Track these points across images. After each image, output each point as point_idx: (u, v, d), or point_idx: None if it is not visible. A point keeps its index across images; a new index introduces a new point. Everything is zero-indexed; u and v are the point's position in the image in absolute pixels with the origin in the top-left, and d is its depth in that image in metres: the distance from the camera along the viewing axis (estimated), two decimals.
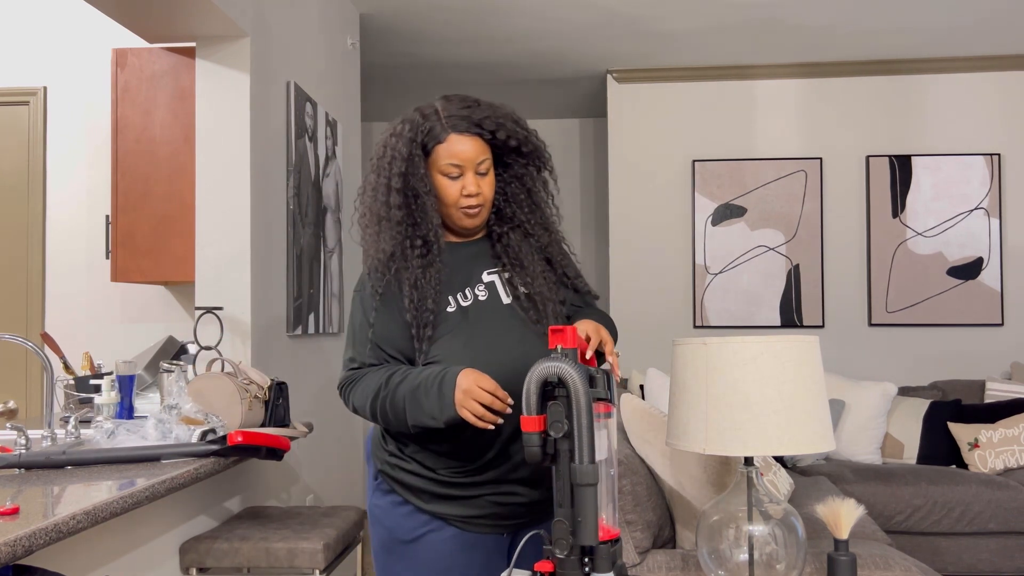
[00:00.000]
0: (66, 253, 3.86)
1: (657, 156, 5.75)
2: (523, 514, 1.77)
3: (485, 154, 1.71)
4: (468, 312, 1.71)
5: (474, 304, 1.73)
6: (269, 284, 3.26)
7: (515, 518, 1.77)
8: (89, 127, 3.87)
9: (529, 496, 1.75)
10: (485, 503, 1.74)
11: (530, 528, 1.76)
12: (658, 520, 2.27)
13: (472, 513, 1.74)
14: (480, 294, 1.74)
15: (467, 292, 1.74)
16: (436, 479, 1.74)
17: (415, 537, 1.76)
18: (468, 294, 1.74)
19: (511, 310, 1.74)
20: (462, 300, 1.73)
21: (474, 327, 1.70)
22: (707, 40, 5.08)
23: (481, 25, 4.76)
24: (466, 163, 1.69)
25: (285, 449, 2.50)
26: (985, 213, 5.46)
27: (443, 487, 1.73)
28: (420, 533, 1.76)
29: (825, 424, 1.73)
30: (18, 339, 2.34)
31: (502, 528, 1.78)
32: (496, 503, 1.74)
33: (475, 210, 1.72)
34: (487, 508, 1.74)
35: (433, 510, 1.75)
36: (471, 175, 1.70)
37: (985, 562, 4.11)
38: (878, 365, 5.54)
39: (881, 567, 2.09)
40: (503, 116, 1.72)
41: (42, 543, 1.53)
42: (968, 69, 5.47)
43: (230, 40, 3.08)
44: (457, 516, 1.74)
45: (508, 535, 1.80)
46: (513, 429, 1.67)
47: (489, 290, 1.75)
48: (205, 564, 2.45)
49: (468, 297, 1.73)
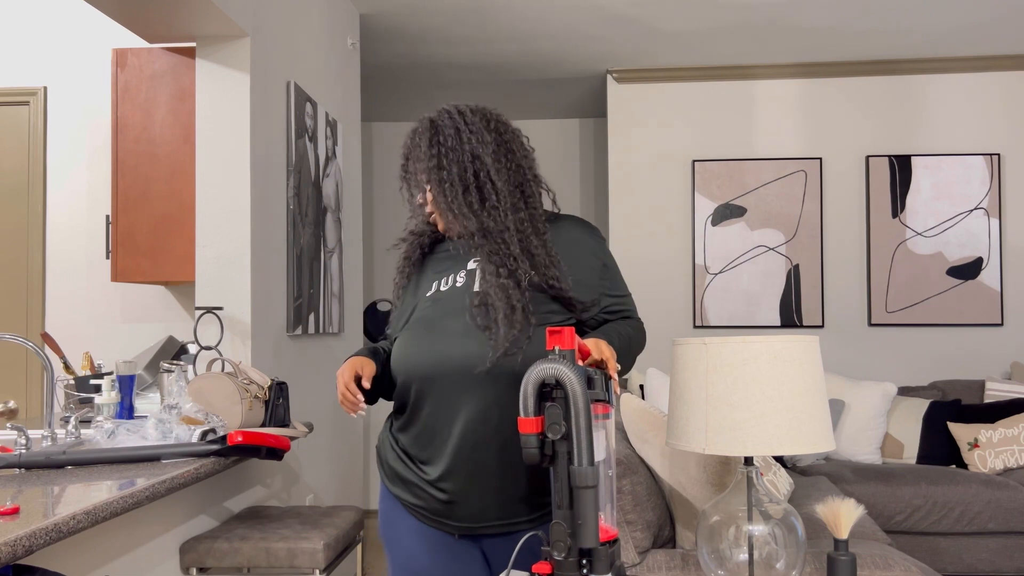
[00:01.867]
0: (66, 253, 3.86)
1: (657, 156, 5.75)
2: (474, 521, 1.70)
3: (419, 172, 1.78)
4: (442, 296, 1.75)
5: (451, 289, 1.75)
6: (269, 284, 3.26)
7: (457, 520, 1.70)
8: (89, 127, 3.87)
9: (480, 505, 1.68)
10: (425, 494, 1.71)
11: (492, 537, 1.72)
12: (658, 520, 2.28)
13: (417, 503, 1.74)
14: (459, 281, 1.76)
15: (450, 278, 1.77)
16: (399, 456, 1.77)
17: (388, 521, 1.80)
18: (450, 280, 1.77)
19: (475, 297, 1.72)
20: (443, 285, 1.77)
21: (436, 308, 1.74)
22: (707, 40, 5.08)
23: (481, 25, 4.76)
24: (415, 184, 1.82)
25: (285, 449, 2.51)
26: (985, 213, 5.46)
27: (401, 465, 1.75)
28: (392, 517, 1.80)
29: (825, 424, 1.73)
30: (18, 339, 2.34)
31: (451, 528, 1.72)
32: (437, 500, 1.70)
33: (433, 218, 1.81)
34: (428, 501, 1.71)
35: (396, 492, 1.78)
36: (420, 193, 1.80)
37: (985, 562, 4.11)
38: (878, 365, 5.54)
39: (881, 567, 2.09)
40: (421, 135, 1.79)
41: (42, 543, 1.53)
42: (968, 69, 5.47)
43: (230, 40, 3.08)
44: (409, 503, 1.75)
45: (460, 537, 1.73)
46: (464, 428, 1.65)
47: (468, 278, 1.75)
48: (205, 564, 2.45)
49: (449, 282, 1.77)
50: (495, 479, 1.66)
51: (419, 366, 1.69)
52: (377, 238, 6.97)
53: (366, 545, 4.05)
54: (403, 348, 1.74)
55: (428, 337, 1.71)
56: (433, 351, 1.68)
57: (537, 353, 1.63)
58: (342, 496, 4.19)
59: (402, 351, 1.73)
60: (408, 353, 1.72)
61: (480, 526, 1.70)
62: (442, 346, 1.68)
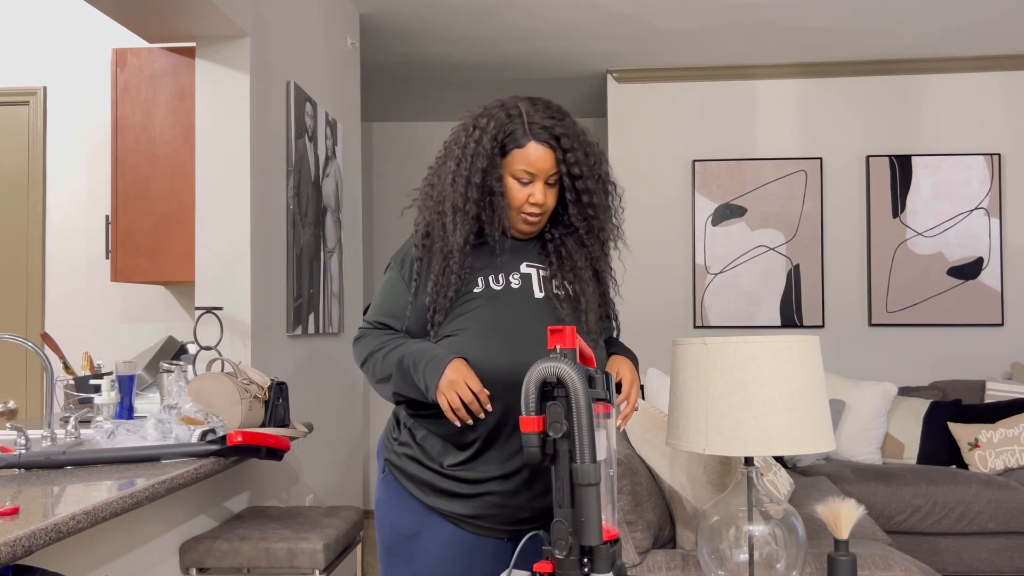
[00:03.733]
0: (66, 253, 3.86)
1: (657, 156, 5.75)
2: (525, 520, 1.74)
3: (555, 168, 1.74)
4: (497, 295, 1.72)
5: (505, 289, 1.73)
6: (269, 284, 3.26)
7: (515, 523, 1.74)
8: (89, 127, 3.87)
9: (529, 502, 1.73)
10: (483, 503, 1.72)
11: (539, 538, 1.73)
12: (658, 520, 2.27)
13: (469, 512, 1.73)
14: (514, 282, 1.74)
15: (500, 277, 1.73)
16: (438, 471, 1.73)
17: (415, 532, 1.75)
18: (501, 279, 1.73)
19: (543, 305, 1.73)
20: (493, 283, 1.73)
21: (500, 310, 1.70)
22: (707, 40, 5.08)
23: (481, 25, 4.76)
24: (539, 173, 1.72)
25: (285, 449, 2.51)
26: (985, 213, 5.46)
27: (444, 480, 1.73)
28: (419, 529, 1.75)
29: (825, 424, 1.73)
30: (18, 339, 2.34)
31: (501, 532, 1.75)
32: (494, 504, 1.72)
33: (535, 218, 1.75)
34: (484, 508, 1.72)
35: (433, 504, 1.74)
36: (540, 184, 1.73)
37: (985, 562, 4.11)
38: (878, 365, 5.53)
39: (881, 567, 2.09)
40: (580, 143, 1.75)
41: (42, 543, 1.53)
42: (968, 69, 5.47)
43: (230, 40, 3.08)
44: (455, 514, 1.73)
45: (509, 539, 1.76)
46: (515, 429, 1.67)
47: (523, 280, 1.74)
48: (205, 564, 2.45)
49: (500, 282, 1.73)
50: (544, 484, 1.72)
51: (502, 374, 1.64)
52: (377, 238, 6.97)
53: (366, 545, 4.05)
54: (476, 352, 1.66)
55: (507, 344, 1.67)
56: (518, 360, 1.63)
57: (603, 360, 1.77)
58: (342, 496, 4.19)
59: (477, 357, 1.65)
60: (486, 356, 1.66)
61: (531, 527, 1.73)
62: (525, 354, 1.62)
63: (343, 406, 4.23)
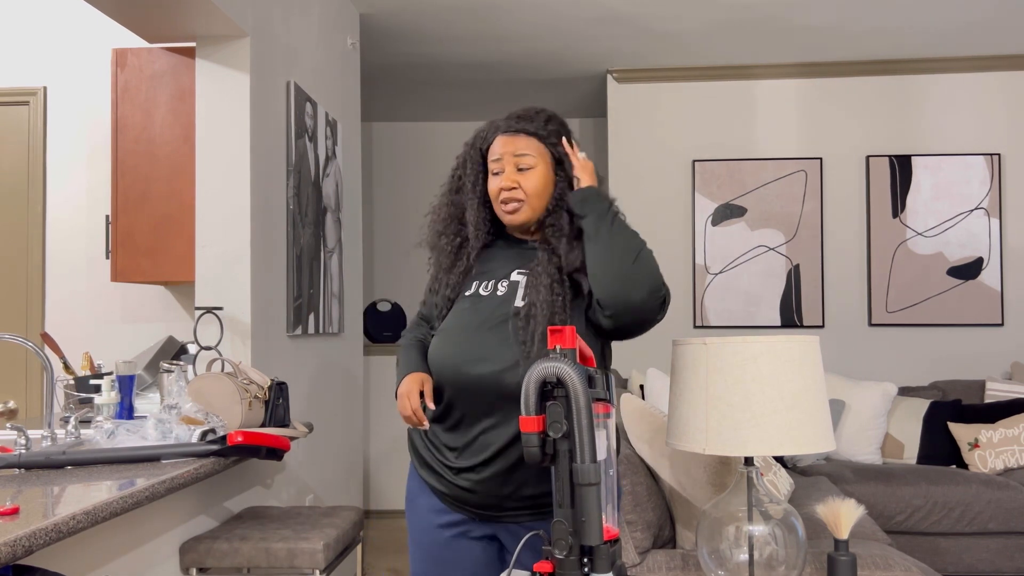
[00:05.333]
0: (66, 253, 3.86)
1: (657, 156, 5.75)
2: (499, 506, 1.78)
3: (528, 150, 1.78)
4: (480, 300, 1.78)
5: (490, 296, 1.78)
6: (269, 284, 3.26)
7: (476, 507, 1.79)
8: (89, 127, 3.87)
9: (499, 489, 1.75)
10: (448, 483, 1.79)
11: (510, 526, 1.80)
12: (658, 520, 2.27)
13: (441, 488, 1.81)
14: (501, 289, 1.79)
15: (491, 284, 1.80)
16: (427, 443, 1.84)
17: (412, 498, 1.88)
18: (491, 285, 1.80)
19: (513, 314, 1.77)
20: (482, 290, 1.80)
21: (472, 316, 1.77)
22: (707, 40, 5.08)
23: (481, 25, 4.76)
24: (504, 157, 1.79)
25: (285, 449, 2.51)
26: (985, 213, 5.46)
27: (429, 451, 1.83)
28: (415, 495, 1.87)
29: (825, 424, 1.73)
30: (18, 339, 2.34)
31: (474, 512, 1.80)
32: (457, 486, 1.78)
33: (511, 205, 1.79)
34: (451, 488, 1.79)
35: (420, 474, 1.86)
36: (510, 169, 1.79)
37: (985, 562, 4.11)
38: (878, 365, 5.54)
39: (881, 567, 2.09)
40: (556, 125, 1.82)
41: (42, 543, 1.53)
42: (968, 69, 5.47)
43: (230, 40, 3.08)
44: (432, 487, 1.83)
45: (482, 521, 1.81)
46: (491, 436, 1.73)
47: (510, 288, 1.78)
48: (205, 564, 2.45)
49: (489, 288, 1.80)
50: (516, 482, 1.74)
51: (453, 373, 1.75)
52: (377, 238, 6.97)
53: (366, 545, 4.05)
54: (440, 350, 1.79)
55: (464, 344, 1.75)
56: (468, 360, 1.73)
57: None
58: (342, 496, 4.19)
59: (439, 353, 1.79)
60: (445, 355, 1.77)
61: (500, 514, 1.78)
62: (477, 356, 1.72)
63: (343, 406, 4.24)
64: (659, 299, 1.72)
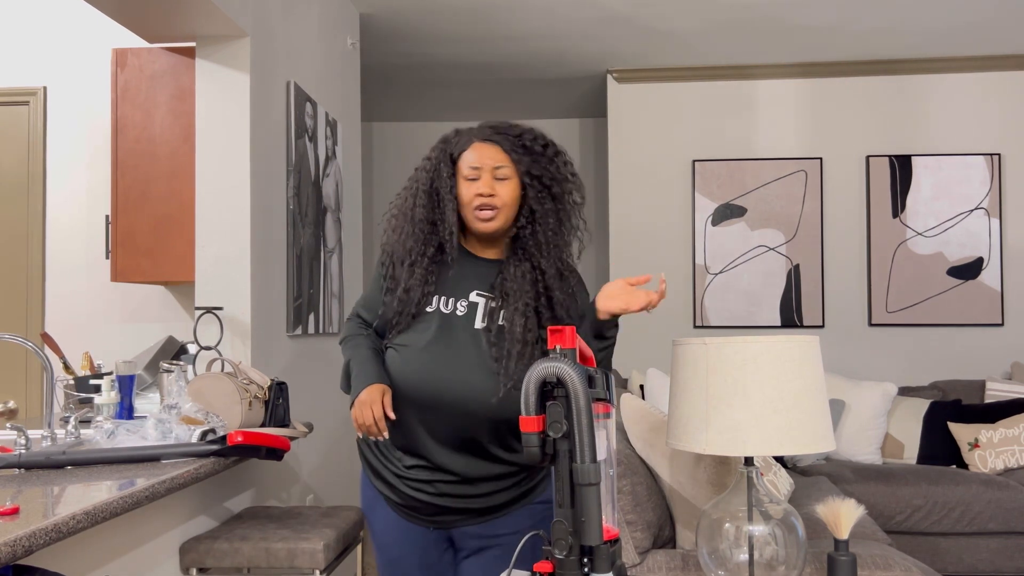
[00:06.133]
0: (66, 253, 3.86)
1: (657, 156, 5.75)
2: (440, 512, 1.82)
3: (505, 162, 1.78)
4: (444, 320, 1.79)
5: (451, 315, 1.80)
6: (269, 284, 3.26)
7: (434, 515, 1.83)
8: (89, 127, 3.87)
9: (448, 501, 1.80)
10: (402, 495, 1.83)
11: (463, 528, 1.85)
12: (658, 520, 2.27)
13: (394, 498, 1.85)
14: (460, 310, 1.80)
15: (451, 302, 1.81)
16: (378, 453, 1.87)
17: (369, 508, 1.93)
18: (451, 304, 1.81)
19: (478, 336, 1.79)
20: (443, 307, 1.81)
21: (438, 336, 1.78)
22: (707, 40, 5.08)
23: (481, 25, 4.76)
24: (483, 166, 1.78)
25: (285, 449, 2.50)
26: (985, 213, 5.46)
27: (380, 461, 1.86)
28: (372, 506, 1.92)
29: (825, 424, 1.73)
30: (18, 339, 2.34)
31: (426, 522, 1.85)
32: (412, 497, 1.82)
33: (487, 212, 1.78)
34: (405, 499, 1.83)
35: (375, 484, 1.89)
36: (487, 177, 1.78)
37: (985, 562, 4.11)
38: (878, 365, 5.53)
39: (881, 567, 2.09)
40: (532, 140, 1.81)
41: (42, 543, 1.53)
42: (968, 69, 5.47)
43: (230, 40, 3.08)
44: (387, 497, 1.87)
45: (435, 529, 1.86)
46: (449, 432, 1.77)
47: (469, 309, 1.80)
48: (205, 564, 2.45)
49: (449, 307, 1.80)
50: (472, 492, 1.79)
51: (423, 392, 1.76)
52: (377, 238, 6.97)
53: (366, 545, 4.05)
54: (413, 370, 1.78)
55: (439, 363, 1.76)
56: (441, 380, 1.74)
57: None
58: (342, 496, 4.19)
59: (410, 373, 1.78)
60: (415, 376, 1.77)
61: (454, 520, 1.83)
62: (451, 376, 1.74)
63: (343, 406, 4.24)
64: None
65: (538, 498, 1.87)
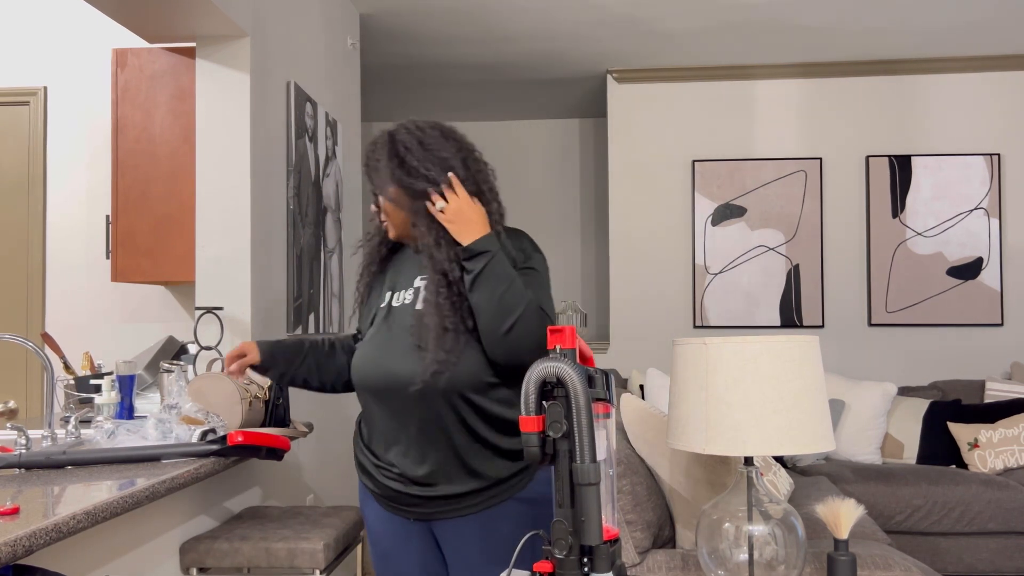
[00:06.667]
0: (66, 253, 3.86)
1: (657, 156, 5.75)
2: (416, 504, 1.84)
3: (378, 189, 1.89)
4: (392, 311, 1.87)
5: (401, 305, 1.87)
6: (269, 284, 3.26)
7: (410, 505, 1.85)
8: (89, 127, 3.87)
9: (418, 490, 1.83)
10: (381, 486, 1.87)
11: (445, 522, 1.86)
12: (658, 520, 2.27)
13: (376, 489, 1.89)
14: (407, 298, 1.87)
15: (400, 294, 1.89)
16: (361, 446, 1.93)
17: (362, 503, 1.98)
18: (400, 296, 1.88)
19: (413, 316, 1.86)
20: (395, 301, 1.88)
21: (381, 326, 1.87)
22: (707, 40, 5.08)
23: (481, 25, 4.76)
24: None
25: (285, 449, 2.51)
26: (985, 213, 5.46)
27: (363, 454, 1.92)
28: (364, 500, 1.97)
29: (825, 424, 1.73)
30: (18, 339, 2.34)
31: (407, 512, 1.87)
32: (390, 487, 1.85)
33: (384, 226, 1.92)
34: (385, 490, 1.87)
35: (361, 478, 1.94)
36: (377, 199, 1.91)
37: (985, 562, 4.11)
38: (878, 365, 5.54)
39: (881, 567, 2.09)
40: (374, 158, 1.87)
41: (42, 543, 1.53)
42: (968, 69, 5.47)
43: (230, 40, 3.08)
44: (371, 490, 1.91)
45: (416, 520, 1.88)
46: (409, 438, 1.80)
47: (414, 295, 1.86)
48: (205, 564, 2.45)
49: (399, 299, 1.88)
50: (440, 479, 1.81)
51: (366, 379, 1.84)
52: None
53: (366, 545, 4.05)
54: (356, 361, 1.89)
55: (377, 353, 1.84)
56: (378, 367, 1.82)
57: (461, 375, 1.75)
58: (342, 496, 4.19)
59: (355, 364, 1.89)
60: (358, 367, 1.88)
61: (431, 512, 1.85)
62: (387, 362, 1.81)
63: (343, 406, 4.24)
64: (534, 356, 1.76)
65: (520, 494, 1.84)
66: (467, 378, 1.75)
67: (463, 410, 1.77)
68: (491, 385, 1.78)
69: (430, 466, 1.80)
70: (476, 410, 1.77)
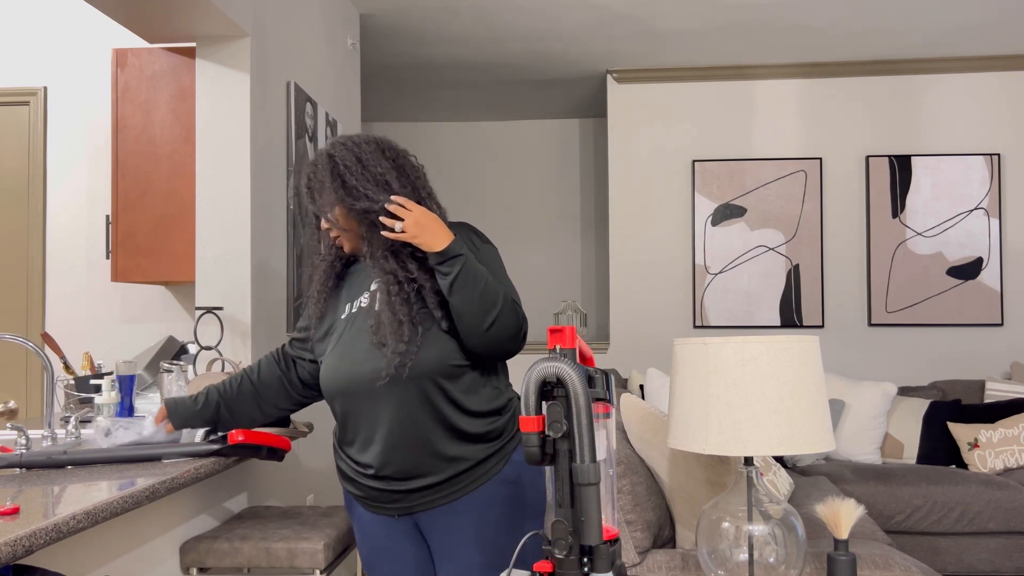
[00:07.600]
0: (66, 253, 3.86)
1: (657, 156, 5.75)
2: (397, 499, 1.88)
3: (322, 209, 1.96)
4: (353, 317, 1.92)
5: (358, 311, 1.92)
6: (269, 284, 3.26)
7: (391, 502, 1.89)
8: (89, 127, 3.87)
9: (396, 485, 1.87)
10: (362, 487, 1.92)
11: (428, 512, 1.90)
12: (658, 520, 2.27)
13: (358, 492, 1.93)
14: (363, 302, 1.92)
15: (358, 301, 1.94)
16: (340, 453, 1.97)
17: (348, 507, 2.02)
18: (357, 303, 1.93)
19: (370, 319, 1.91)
20: (351, 308, 1.94)
21: (346, 332, 1.91)
22: (707, 40, 5.08)
23: (481, 25, 4.76)
24: None
25: (286, 449, 2.50)
26: (985, 213, 5.46)
27: (342, 461, 1.96)
28: (350, 505, 2.01)
29: (825, 424, 1.73)
30: (18, 339, 2.34)
31: (390, 510, 1.91)
32: (372, 488, 1.89)
33: (339, 242, 1.99)
34: (368, 492, 1.91)
35: (343, 484, 1.98)
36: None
37: (985, 562, 4.12)
38: (878, 365, 5.54)
39: (881, 567, 2.09)
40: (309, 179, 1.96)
41: (42, 543, 1.53)
42: (968, 69, 5.48)
43: (230, 40, 3.08)
44: (354, 494, 1.96)
45: (399, 516, 1.92)
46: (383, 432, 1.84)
47: (371, 298, 1.91)
48: (205, 564, 2.45)
49: (355, 306, 1.93)
50: (418, 471, 1.85)
51: (335, 384, 1.89)
52: None
53: None
54: (324, 371, 1.93)
55: (341, 358, 1.88)
56: (344, 370, 1.87)
57: (425, 361, 1.80)
58: (342, 496, 4.19)
59: (324, 374, 1.93)
60: (326, 375, 1.92)
61: (413, 504, 1.88)
62: (351, 365, 1.85)
63: None
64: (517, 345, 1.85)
65: (497, 476, 1.88)
66: (432, 364, 1.81)
67: (433, 396, 1.82)
68: (457, 368, 1.83)
69: (406, 459, 1.84)
70: (444, 395, 1.82)
